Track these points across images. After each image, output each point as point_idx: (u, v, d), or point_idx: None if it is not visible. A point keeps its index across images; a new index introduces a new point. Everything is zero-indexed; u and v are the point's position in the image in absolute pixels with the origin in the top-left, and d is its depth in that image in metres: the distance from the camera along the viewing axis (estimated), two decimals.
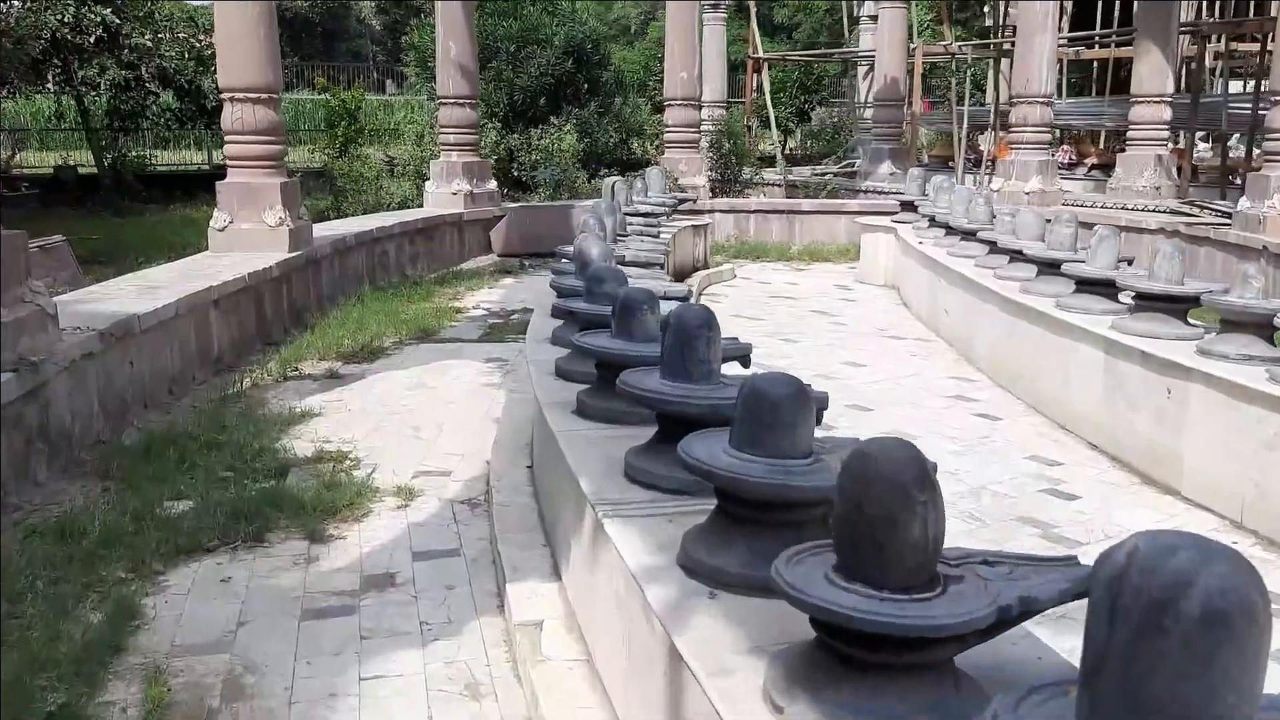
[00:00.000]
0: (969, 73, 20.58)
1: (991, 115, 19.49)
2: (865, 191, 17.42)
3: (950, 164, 20.99)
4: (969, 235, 9.08)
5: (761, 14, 31.43)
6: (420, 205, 14.44)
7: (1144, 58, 14.48)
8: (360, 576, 4.46)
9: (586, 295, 4.99)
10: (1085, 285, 6.57)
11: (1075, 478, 5.60)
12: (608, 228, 7.21)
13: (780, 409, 2.65)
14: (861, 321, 9.82)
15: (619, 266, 5.84)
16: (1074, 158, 19.81)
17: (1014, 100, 13.96)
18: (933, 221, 10.39)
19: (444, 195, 13.69)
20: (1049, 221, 7.91)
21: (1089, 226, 9.37)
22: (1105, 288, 6.48)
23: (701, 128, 21.35)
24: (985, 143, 21.37)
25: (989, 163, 19.36)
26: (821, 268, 13.38)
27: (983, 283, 7.70)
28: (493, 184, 14.27)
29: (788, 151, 24.77)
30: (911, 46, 18.42)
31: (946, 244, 9.58)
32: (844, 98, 27.87)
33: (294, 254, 9.44)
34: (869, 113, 24.53)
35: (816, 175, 19.42)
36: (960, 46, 18.91)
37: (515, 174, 20.91)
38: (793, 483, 2.60)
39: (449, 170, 13.72)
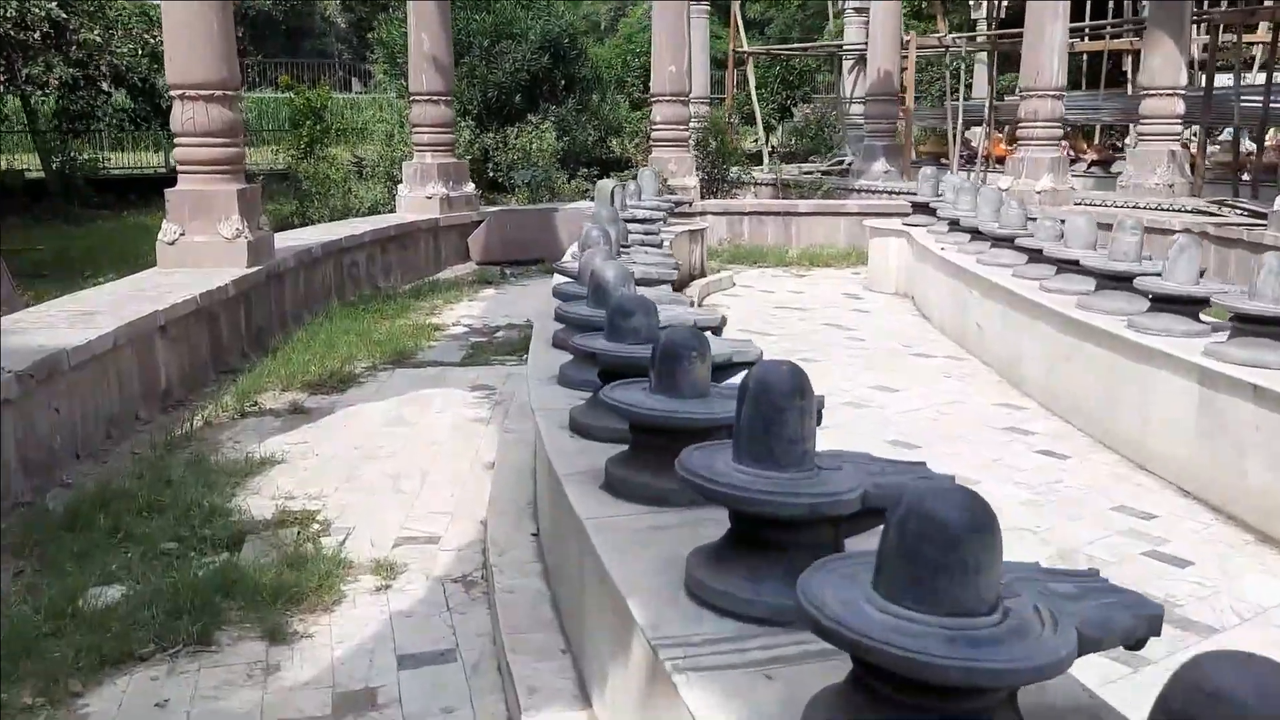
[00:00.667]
0: (960, 66, 19.82)
1: (986, 110, 18.74)
2: (859, 191, 16.62)
3: (942, 161, 20.25)
4: (1002, 242, 8.25)
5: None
6: (392, 210, 13.48)
7: (1155, 49, 13.74)
8: (333, 693, 3.54)
9: (610, 332, 4.11)
10: (1162, 303, 5.74)
11: (1177, 535, 4.76)
12: (613, 239, 6.30)
13: (959, 546, 1.77)
14: (881, 336, 8.97)
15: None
16: (1071, 154, 19.08)
17: (1023, 94, 13.17)
18: (954, 225, 9.55)
19: (418, 199, 12.73)
20: (1090, 227, 7.10)
21: (1106, 227, 8.61)
22: (1187, 305, 5.65)
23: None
24: (975, 139, 20.67)
25: (984, 160, 18.63)
26: (824, 274, 12.54)
27: (1031, 297, 6.86)
28: (470, 186, 13.33)
29: (770, 149, 23.95)
30: (905, 39, 17.60)
31: (974, 250, 8.75)
32: (828, 93, 27.10)
33: (254, 269, 8.47)
34: (855, 108, 23.83)
35: (805, 174, 18.58)
36: (954, 39, 18.13)
37: (491, 175, 19.95)
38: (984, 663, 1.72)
39: (423, 172, 12.76)
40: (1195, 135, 20.70)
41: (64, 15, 16.81)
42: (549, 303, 6.03)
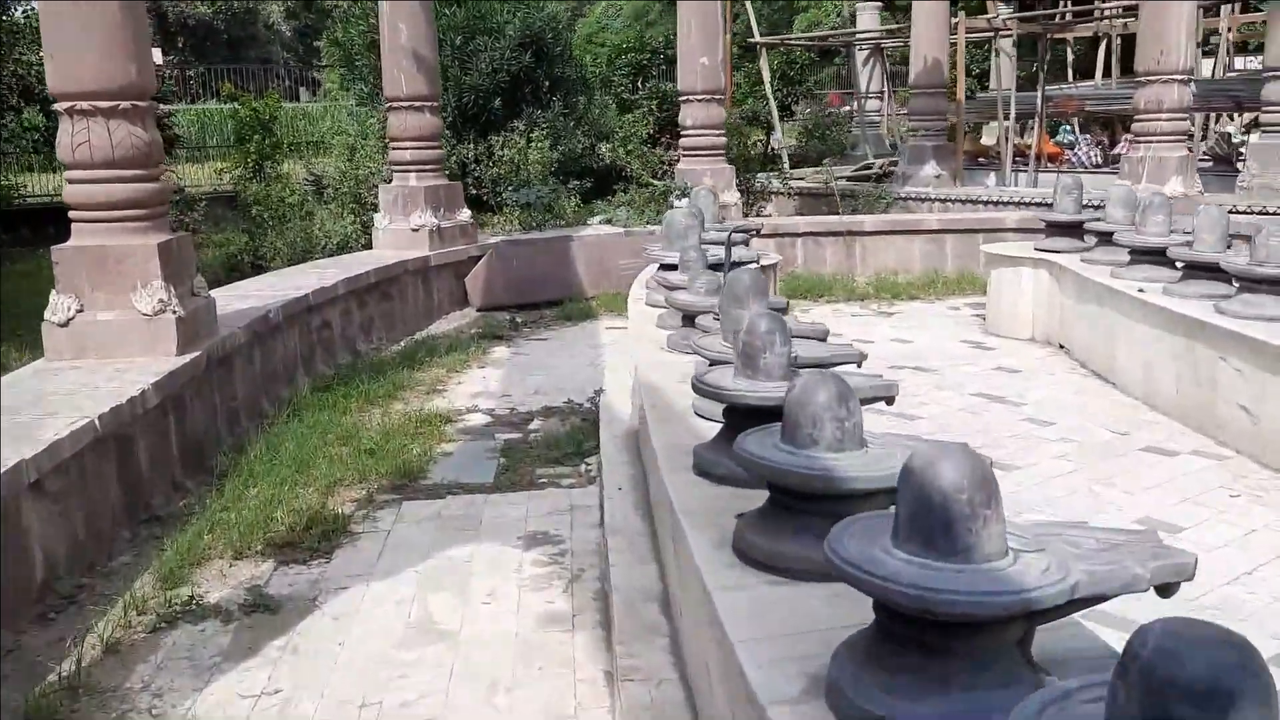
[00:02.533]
0: (991, 53, 17.46)
1: (1039, 103, 16.38)
2: (908, 199, 14.19)
3: (980, 161, 17.91)
4: (1260, 284, 5.79)
5: None
6: (367, 246, 10.82)
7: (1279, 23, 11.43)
8: None
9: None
10: None
11: None
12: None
13: None
14: (1066, 413, 6.49)
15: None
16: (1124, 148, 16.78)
17: (1141, 78, 10.77)
18: (1139, 255, 7.11)
19: (401, 233, 10.09)
20: None
21: (1246, 239, 6.28)
22: None
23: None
24: (988, 136, 18.31)
25: (1036, 160, 16.27)
26: (916, 311, 10.05)
27: None
28: (465, 213, 10.70)
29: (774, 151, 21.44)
30: (954, 20, 15.19)
31: (1195, 293, 6.30)
32: (838, 88, 24.71)
33: (187, 357, 5.83)
34: (871, 103, 21.45)
35: (836, 179, 16.11)
36: (1005, 20, 15.77)
37: (473, 192, 17.32)
38: None
39: (406, 198, 10.12)
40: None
41: None
42: (588, 367, 6.49)
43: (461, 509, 5.34)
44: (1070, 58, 22.59)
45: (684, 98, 11.65)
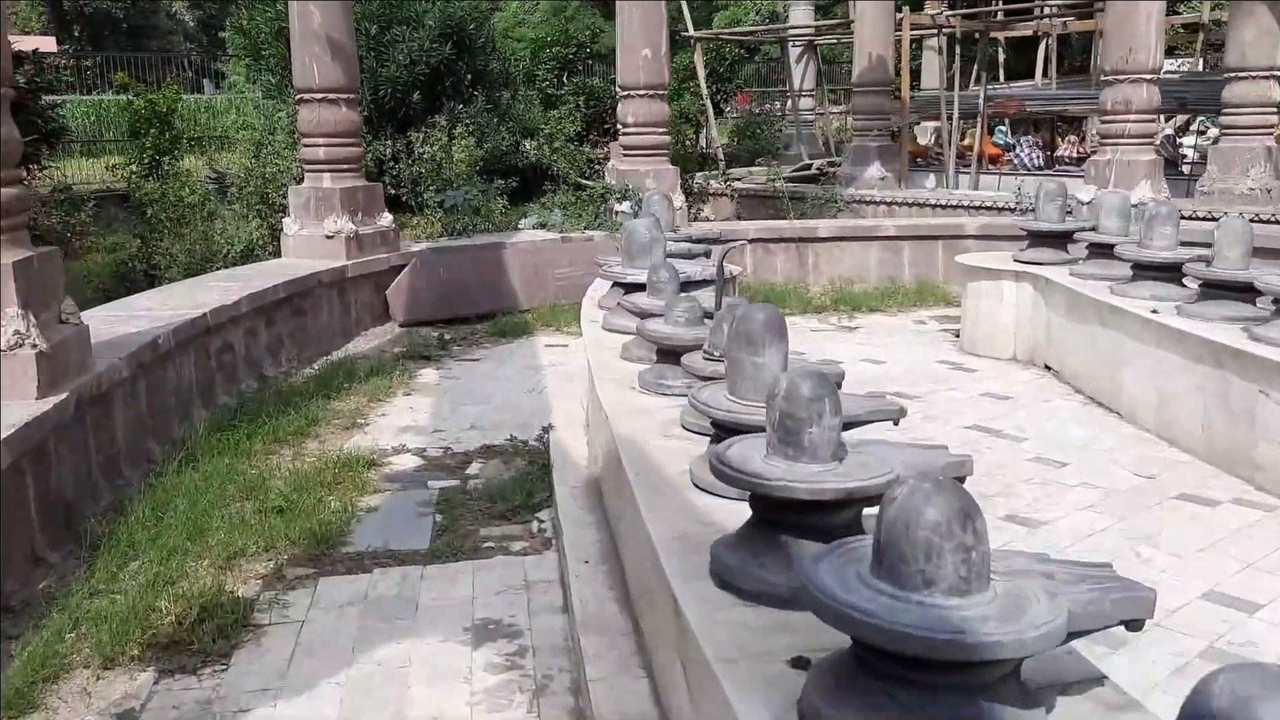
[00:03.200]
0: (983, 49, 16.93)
1: (980, 103, 15.87)
2: (852, 202, 13.52)
3: (918, 162, 17.37)
4: None
5: None
6: (275, 253, 9.74)
7: (1246, 20, 10.99)
8: None
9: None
10: None
11: None
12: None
13: None
14: (1075, 452, 5.78)
15: None
16: (1078, 152, 16.42)
17: (1107, 78, 10.21)
18: (1143, 270, 6.44)
19: (314, 240, 9.04)
20: None
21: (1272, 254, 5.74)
22: None
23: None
24: (926, 135, 17.80)
25: (978, 160, 15.77)
26: (880, 325, 9.33)
27: None
28: (387, 217, 9.67)
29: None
30: (898, 17, 14.57)
31: (1219, 315, 5.64)
32: (771, 85, 24.09)
33: (51, 399, 4.78)
34: (805, 101, 20.84)
35: (772, 180, 15.41)
36: (949, 17, 15.21)
37: (391, 192, 16.20)
38: None
39: (320, 201, 9.07)
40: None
41: None
42: (530, 393, 5.60)
43: (393, 587, 4.40)
44: (1002, 57, 22.27)
45: (624, 93, 10.78)
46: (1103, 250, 7.05)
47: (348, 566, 4.60)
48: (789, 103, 21.43)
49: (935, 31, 15.57)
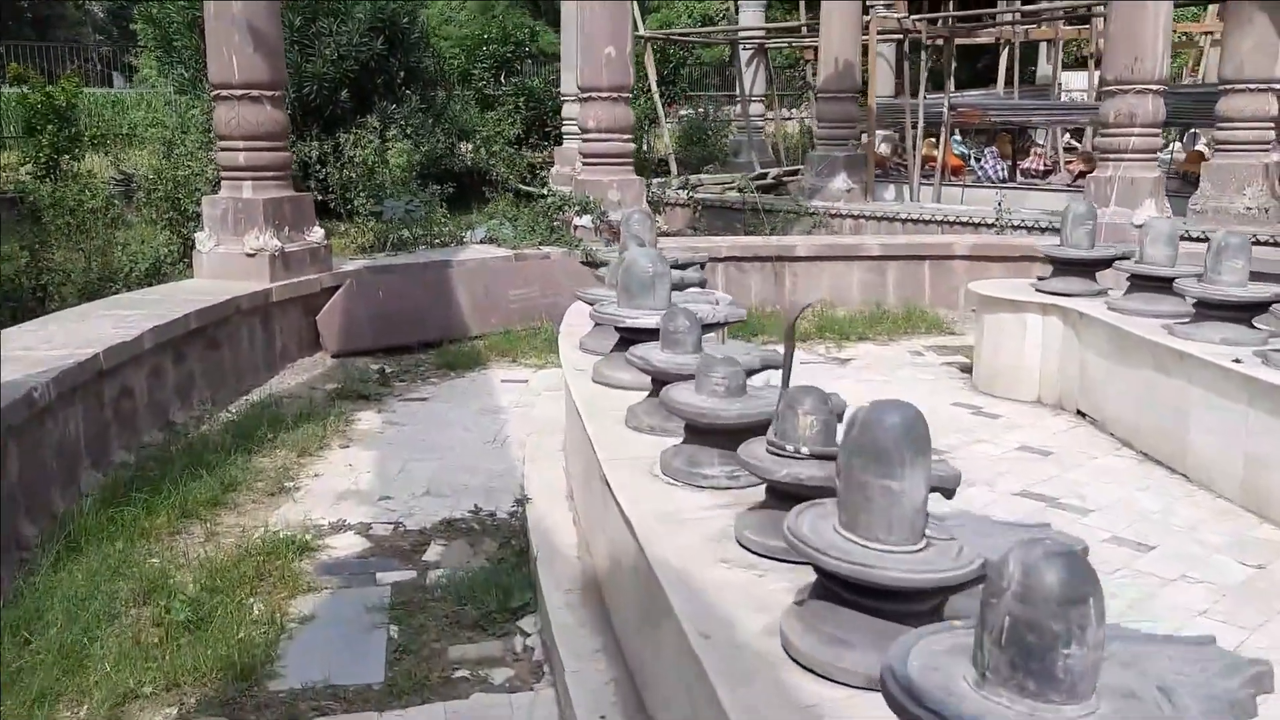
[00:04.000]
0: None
1: (945, 111, 15.13)
2: (822, 215, 12.64)
3: (877, 174, 16.58)
4: None
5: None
6: (187, 272, 8.49)
7: (1244, 29, 10.33)
8: None
9: None
10: None
11: None
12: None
13: None
14: (1160, 528, 4.88)
15: None
16: (1044, 164, 15.79)
17: (1108, 88, 9.45)
18: (1206, 309, 5.60)
19: (232, 258, 7.83)
20: None
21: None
22: None
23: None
24: (906, 147, 17.02)
25: (941, 173, 15.02)
26: (872, 356, 8.41)
27: None
28: (318, 232, 8.46)
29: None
30: (865, 20, 13.73)
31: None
32: (718, 89, 23.19)
33: None
34: (755, 107, 19.99)
35: (740, 189, 14.47)
36: (915, 21, 14.43)
37: (318, 198, 14.90)
38: None
39: (240, 213, 7.86)
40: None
41: None
42: (492, 445, 5.06)
43: None
44: (952, 66, 21.67)
45: (585, 94, 9.71)
46: (1148, 283, 6.20)
47: (275, 711, 3.48)
48: (738, 108, 20.55)
49: (901, 36, 14.78)
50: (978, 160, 15.86)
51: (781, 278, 9.86)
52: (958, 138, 18.80)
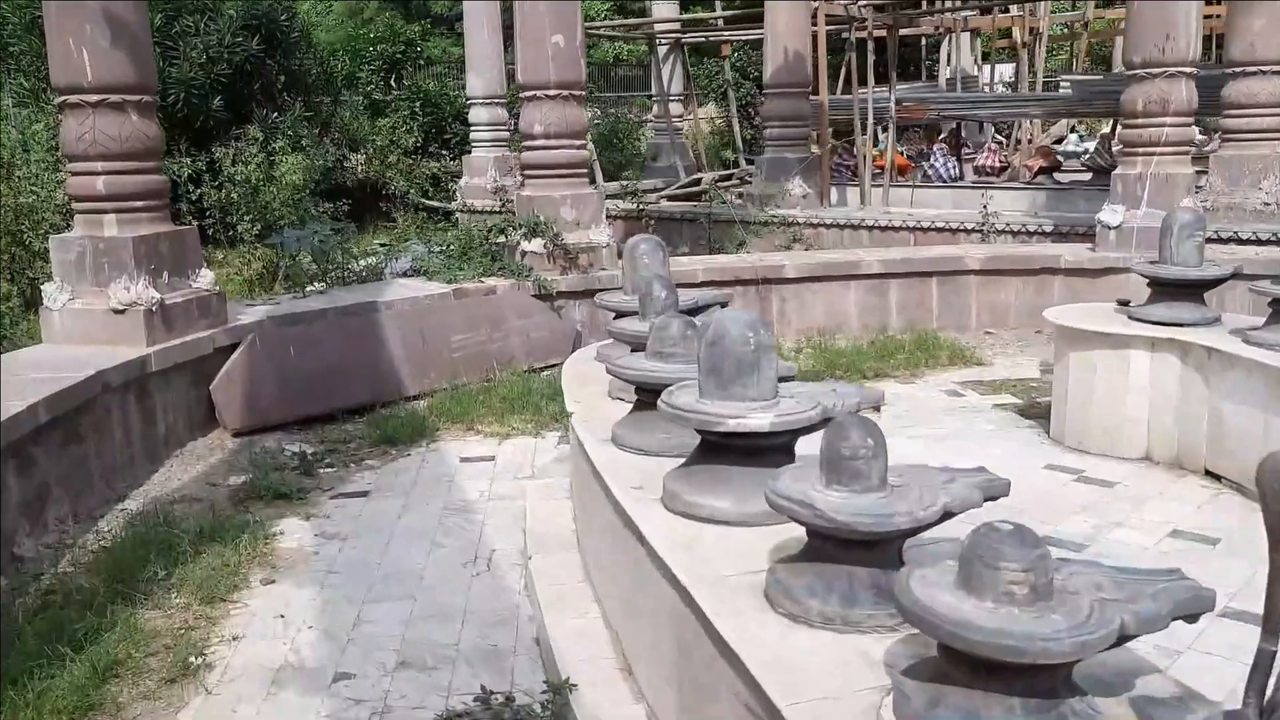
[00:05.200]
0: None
1: (891, 107, 13.90)
2: (777, 225, 11.23)
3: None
4: None
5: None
6: (32, 337, 6.55)
7: (1252, 6, 9.29)
8: None
9: None
10: None
11: None
12: None
13: None
14: None
15: None
16: (999, 161, 14.72)
17: (1135, 72, 8.25)
18: None
19: (93, 316, 5.94)
20: None
21: None
22: None
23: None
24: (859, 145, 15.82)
25: (889, 172, 13.78)
26: (904, 399, 6.97)
27: None
28: (207, 276, 6.57)
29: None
30: (813, 7, 12.38)
31: None
32: (628, 89, 21.64)
33: None
34: (674, 107, 18.55)
35: (659, 198, 12.98)
36: (862, 8, 13.16)
37: (186, 222, 12.84)
38: None
39: (102, 256, 5.98)
40: None
41: None
42: (475, 566, 4.10)
43: None
44: (871, 59, 20.62)
45: (528, 94, 8.06)
46: None
47: None
48: (654, 108, 19.08)
49: (847, 25, 13.49)
50: (926, 159, 14.70)
51: (768, 302, 8.38)
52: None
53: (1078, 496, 5.13)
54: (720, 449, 3.15)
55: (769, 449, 3.09)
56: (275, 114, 14.68)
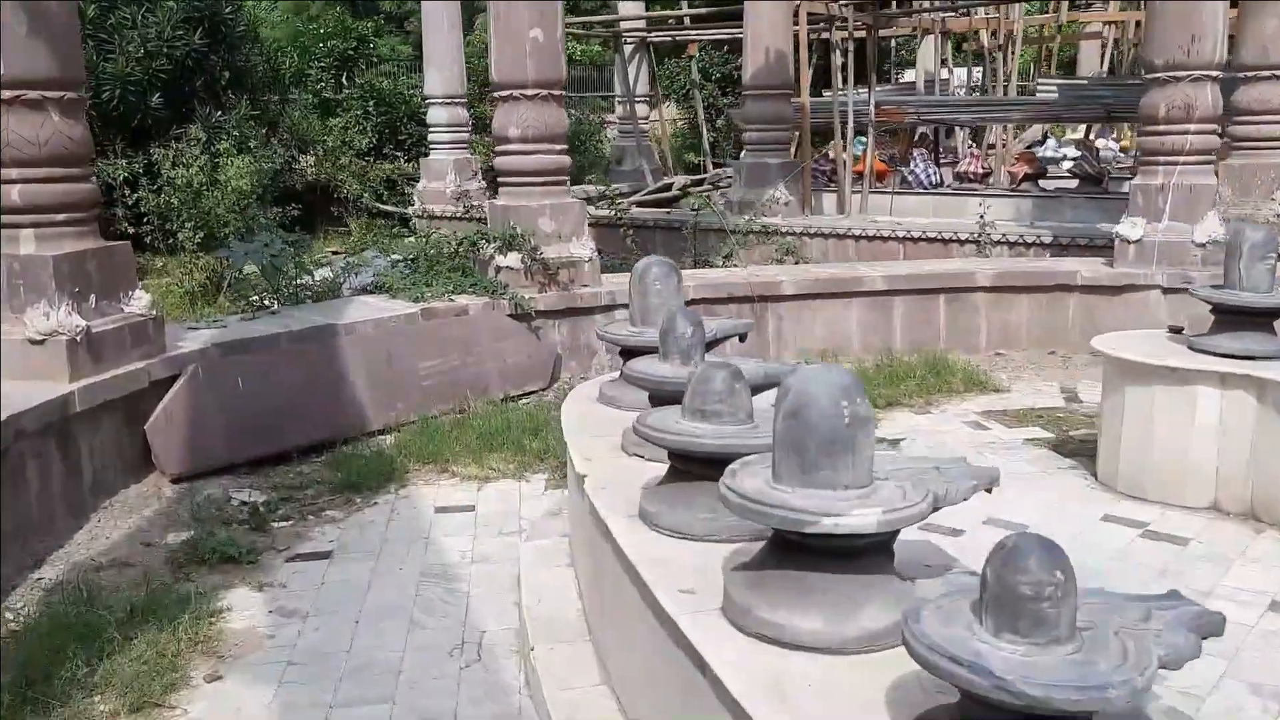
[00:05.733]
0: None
1: (871, 109, 13.31)
2: (760, 234, 10.59)
3: None
4: None
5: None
6: None
7: (1264, 8, 8.80)
8: None
9: None
10: None
11: None
12: None
13: None
14: None
15: None
16: (981, 167, 14.21)
17: (1157, 75, 7.69)
18: None
19: (9, 347, 5.11)
20: None
21: None
22: None
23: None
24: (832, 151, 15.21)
25: (868, 179, 13.21)
26: (920, 430, 6.34)
27: None
28: (143, 299, 5.72)
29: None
30: (795, 4, 11.76)
31: None
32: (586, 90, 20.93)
33: None
34: (641, 108, 17.88)
35: (628, 204, 12.29)
36: (843, 6, 12.56)
37: (130, 230, 11.95)
38: None
39: (18, 278, 5.14)
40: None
41: None
42: (467, 655, 3.58)
43: None
44: (838, 61, 20.11)
45: (503, 94, 7.32)
46: None
47: None
48: (619, 109, 18.38)
49: (827, 26, 12.89)
50: (906, 164, 14.14)
51: (764, 321, 7.72)
52: (864, 138, 17.17)
53: (1149, 557, 4.51)
54: (801, 548, 2.45)
55: (866, 549, 2.42)
56: (219, 113, 13.77)
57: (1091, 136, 18.13)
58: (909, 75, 17.99)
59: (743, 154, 12.06)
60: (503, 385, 6.97)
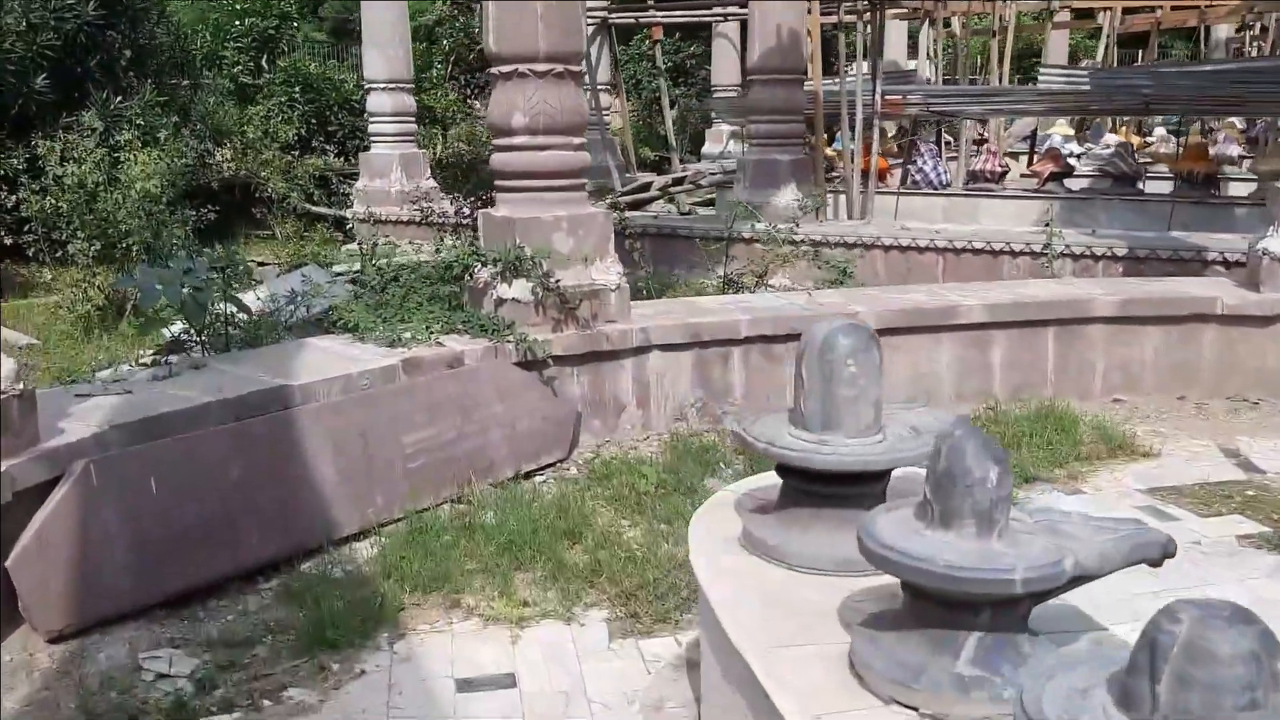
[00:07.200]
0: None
1: (874, 97, 11.73)
2: (770, 243, 8.95)
3: None
4: None
5: None
6: None
7: None
8: None
9: None
10: None
11: None
12: None
13: None
14: None
15: None
16: (999, 165, 12.77)
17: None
18: None
19: None
20: None
21: None
22: None
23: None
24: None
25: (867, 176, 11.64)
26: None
27: None
28: (5, 366, 3.85)
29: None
30: None
31: None
32: None
33: None
34: (604, 97, 16.10)
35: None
36: None
37: (4, 241, 9.85)
38: None
39: None
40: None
41: None
42: None
43: None
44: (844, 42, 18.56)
45: (505, 69, 5.52)
46: None
47: None
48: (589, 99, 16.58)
49: (836, 5, 11.28)
50: (912, 161, 12.65)
51: None
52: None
53: None
54: None
55: None
56: (118, 98, 11.67)
57: (1085, 131, 16.95)
58: (910, 64, 16.56)
59: (745, 149, 10.39)
60: (513, 460, 5.22)
